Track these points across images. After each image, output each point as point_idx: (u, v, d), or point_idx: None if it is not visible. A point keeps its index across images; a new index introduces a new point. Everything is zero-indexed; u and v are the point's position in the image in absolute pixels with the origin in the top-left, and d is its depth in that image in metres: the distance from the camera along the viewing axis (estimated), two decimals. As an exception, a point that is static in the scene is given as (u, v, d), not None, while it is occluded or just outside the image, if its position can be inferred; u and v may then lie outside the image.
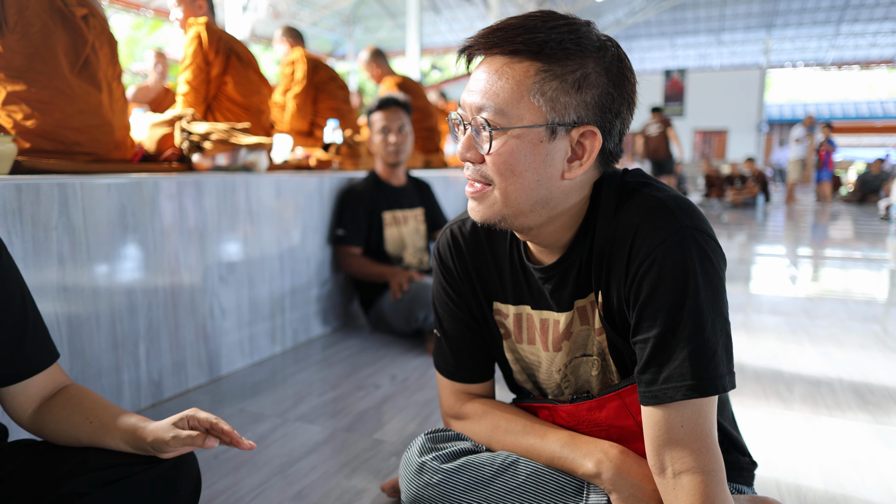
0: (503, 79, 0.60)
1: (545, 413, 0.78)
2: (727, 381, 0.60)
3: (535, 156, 0.61)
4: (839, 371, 1.65)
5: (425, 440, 0.78)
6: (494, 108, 0.60)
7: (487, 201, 0.64)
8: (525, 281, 0.74)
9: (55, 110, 1.34)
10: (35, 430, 0.72)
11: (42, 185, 1.14)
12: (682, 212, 0.61)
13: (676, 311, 0.58)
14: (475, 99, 0.62)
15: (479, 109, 0.61)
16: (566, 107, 0.60)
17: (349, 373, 1.68)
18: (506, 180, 0.62)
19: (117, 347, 1.30)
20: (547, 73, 0.59)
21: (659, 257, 0.59)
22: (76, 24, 1.40)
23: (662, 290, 0.59)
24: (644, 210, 0.62)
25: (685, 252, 0.59)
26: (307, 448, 1.20)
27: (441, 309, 0.81)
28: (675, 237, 0.59)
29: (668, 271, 0.59)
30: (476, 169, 0.64)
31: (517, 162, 0.61)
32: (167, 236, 1.43)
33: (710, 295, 0.59)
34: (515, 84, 0.59)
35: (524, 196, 0.62)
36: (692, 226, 0.60)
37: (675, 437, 0.59)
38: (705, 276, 0.59)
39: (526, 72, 0.59)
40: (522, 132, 0.60)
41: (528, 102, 0.59)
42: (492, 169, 0.62)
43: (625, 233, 0.62)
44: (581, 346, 0.73)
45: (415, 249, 2.15)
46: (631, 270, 0.62)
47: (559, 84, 0.59)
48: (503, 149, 0.61)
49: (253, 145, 1.79)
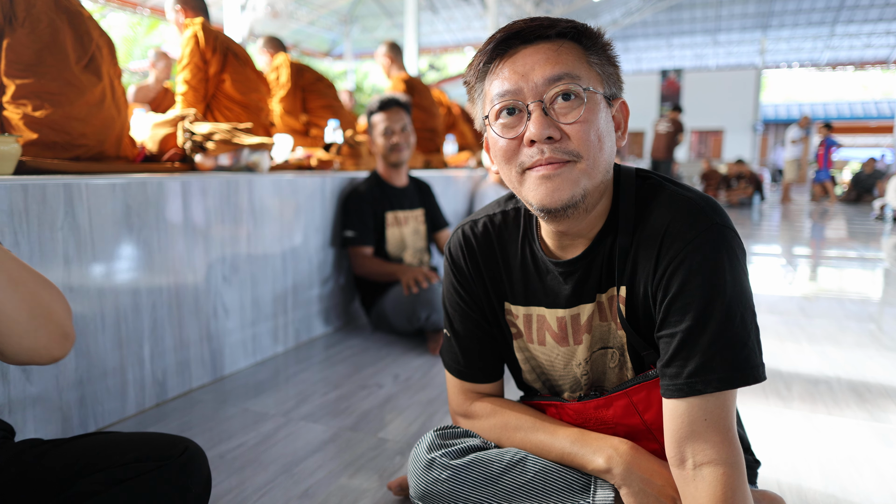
0: (563, 53, 0.62)
1: (552, 411, 0.79)
2: (760, 371, 0.61)
3: (607, 123, 0.64)
4: (837, 370, 1.67)
5: (434, 436, 0.79)
6: (572, 74, 0.61)
7: (572, 176, 0.62)
8: (539, 280, 0.75)
9: (64, 101, 1.36)
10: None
11: (48, 185, 1.14)
12: (711, 210, 0.63)
13: (707, 306, 0.60)
14: (545, 73, 0.61)
15: (553, 81, 0.61)
16: (610, 77, 0.65)
17: (352, 372, 1.69)
18: (594, 148, 0.62)
19: (122, 347, 1.31)
20: (591, 50, 0.63)
21: (690, 254, 0.61)
22: (83, 21, 1.42)
23: (693, 286, 0.60)
24: (674, 208, 0.64)
25: (715, 250, 0.60)
26: (312, 447, 1.21)
27: (452, 309, 0.82)
28: (705, 235, 0.61)
29: (700, 268, 0.60)
30: (556, 147, 0.61)
31: (601, 128, 0.62)
32: (171, 236, 1.44)
33: (738, 290, 0.61)
34: (576, 57, 0.62)
35: (605, 164, 0.64)
36: (721, 223, 0.62)
37: (697, 429, 0.60)
38: (733, 272, 0.61)
39: (576, 49, 0.63)
40: (598, 97, 0.63)
41: (592, 71, 0.63)
42: (580, 139, 0.61)
43: (655, 230, 0.64)
44: (600, 339, 0.74)
45: (415, 250, 2.16)
46: (661, 266, 0.63)
47: (603, 58, 0.64)
48: (590, 115, 0.62)
49: (255, 145, 1.79)
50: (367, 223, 2.03)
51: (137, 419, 1.33)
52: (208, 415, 1.37)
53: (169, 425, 1.31)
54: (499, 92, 0.63)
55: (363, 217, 2.03)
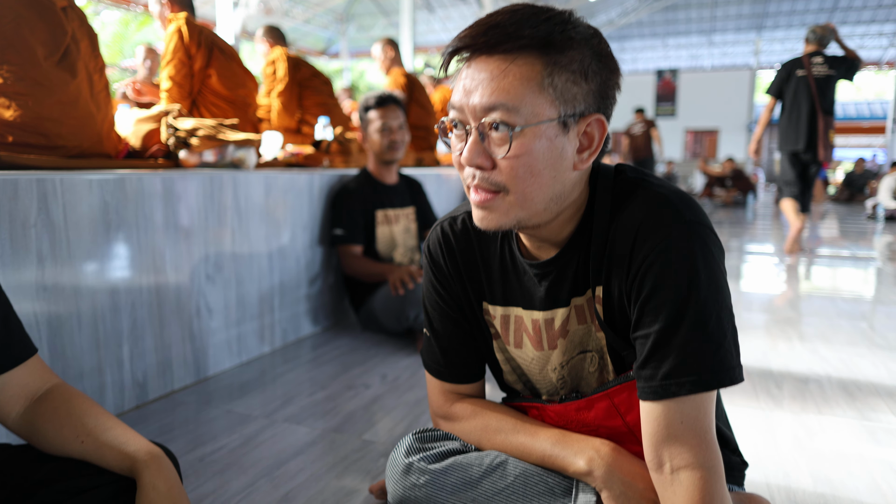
0: (509, 75, 0.56)
1: (534, 412, 0.77)
2: (736, 373, 0.59)
3: (552, 152, 0.58)
4: (828, 368, 1.66)
5: (413, 440, 0.77)
6: (508, 105, 0.56)
7: (501, 208, 0.60)
8: (517, 280, 0.73)
9: (32, 102, 1.31)
10: (23, 435, 0.69)
11: (20, 180, 1.11)
12: (685, 207, 0.60)
13: (680, 306, 0.58)
14: (480, 99, 0.57)
15: (487, 110, 0.57)
16: (575, 97, 0.58)
17: (339, 372, 1.66)
18: (524, 183, 0.58)
19: (100, 348, 1.28)
20: (555, 66, 0.57)
21: (663, 252, 0.59)
22: (55, 14, 1.37)
23: (666, 286, 0.58)
24: (647, 205, 0.61)
25: (689, 247, 0.58)
26: (295, 449, 1.19)
27: (431, 307, 0.80)
28: (678, 232, 0.59)
29: (672, 267, 0.58)
30: (485, 177, 0.59)
31: (536, 161, 0.58)
32: (152, 234, 1.41)
33: (713, 289, 0.59)
34: (524, 79, 0.56)
35: (542, 195, 0.60)
36: (695, 220, 0.60)
37: (674, 432, 0.58)
38: (708, 271, 0.59)
39: (532, 66, 0.56)
40: (540, 129, 0.57)
41: (541, 96, 0.57)
42: (509, 174, 0.58)
43: (627, 228, 0.61)
44: (578, 343, 0.72)
45: (405, 249, 2.13)
46: (633, 265, 0.61)
47: (568, 75, 0.57)
48: (522, 150, 0.57)
49: (241, 142, 1.76)
50: (356, 221, 2.01)
51: (116, 421, 1.30)
52: (190, 417, 1.34)
53: (149, 427, 1.28)
54: (451, 103, 0.61)
55: (352, 215, 2.01)
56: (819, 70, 3.38)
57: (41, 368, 0.72)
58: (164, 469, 0.64)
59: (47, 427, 0.67)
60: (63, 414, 0.68)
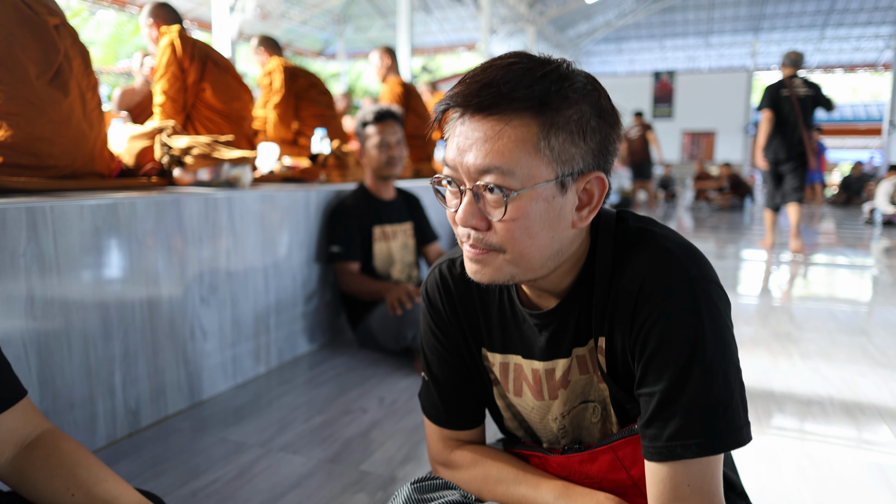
0: (504, 137, 0.54)
1: (536, 461, 0.75)
2: (744, 433, 0.57)
3: (549, 213, 0.56)
4: (829, 389, 1.65)
5: (411, 490, 0.74)
6: (503, 168, 0.54)
7: (494, 265, 0.59)
8: (516, 328, 0.71)
9: (24, 122, 1.29)
10: (11, 483, 0.67)
11: (9, 209, 1.08)
12: (689, 261, 0.58)
13: (685, 365, 0.56)
14: (475, 161, 0.55)
15: (482, 172, 0.55)
16: (573, 157, 0.56)
17: (336, 395, 1.64)
18: (521, 245, 0.57)
19: (91, 376, 1.25)
20: (551, 126, 0.54)
21: (666, 310, 0.57)
22: (47, 32, 1.35)
23: (670, 344, 0.56)
24: (650, 259, 0.59)
25: (694, 305, 0.56)
26: (291, 482, 1.16)
27: (430, 353, 0.77)
28: (683, 289, 0.57)
29: (677, 325, 0.56)
30: (480, 238, 0.58)
31: (532, 224, 0.56)
32: (144, 258, 1.38)
33: (720, 347, 0.57)
34: (519, 141, 0.54)
35: (538, 255, 0.58)
36: (700, 276, 0.58)
37: (681, 495, 0.57)
38: (714, 329, 0.57)
39: (528, 126, 0.54)
40: (536, 192, 0.55)
41: (537, 158, 0.54)
42: (505, 236, 0.56)
43: (631, 283, 0.59)
44: (580, 393, 0.70)
45: (403, 265, 2.11)
46: (637, 322, 0.59)
47: (565, 135, 0.55)
48: (518, 213, 0.55)
49: (236, 160, 1.74)
50: (353, 238, 1.98)
51: (108, 451, 1.27)
52: (184, 446, 1.31)
53: (141, 459, 1.25)
54: (445, 159, 0.59)
55: (349, 232, 1.98)
56: (800, 91, 4.03)
57: (32, 412, 0.70)
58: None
59: (37, 476, 0.65)
60: (54, 463, 0.66)
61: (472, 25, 11.94)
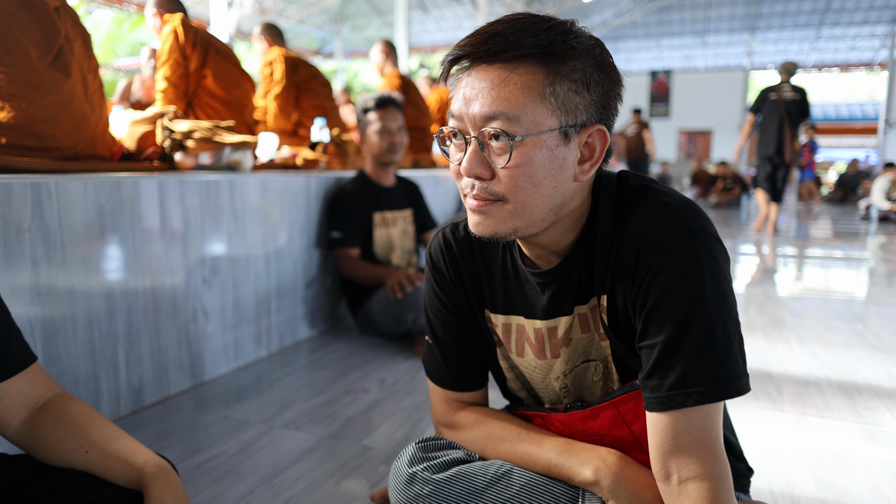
0: (510, 84, 0.55)
1: (538, 421, 0.76)
2: (743, 382, 0.58)
3: (552, 162, 0.57)
4: (826, 371, 1.67)
5: (416, 449, 0.75)
6: (508, 114, 0.55)
7: (498, 216, 0.59)
8: (518, 289, 0.72)
9: (26, 103, 1.29)
10: (24, 445, 0.67)
11: (14, 184, 1.09)
12: (690, 215, 0.60)
13: (686, 316, 0.57)
14: (481, 108, 0.56)
15: (487, 119, 0.56)
16: (577, 107, 0.57)
17: (337, 377, 1.64)
18: (524, 193, 0.57)
19: (95, 353, 1.26)
20: (556, 75, 0.56)
21: (668, 262, 0.58)
22: (48, 14, 1.35)
23: (671, 296, 0.57)
24: (651, 214, 0.60)
25: (694, 257, 0.57)
26: (294, 456, 1.17)
27: (433, 315, 0.78)
28: (683, 242, 0.58)
29: (678, 277, 0.57)
30: (484, 187, 0.59)
31: (536, 171, 0.57)
32: (148, 238, 1.39)
33: (719, 298, 0.58)
34: (525, 88, 0.55)
35: (541, 206, 0.59)
36: (700, 229, 0.59)
37: (681, 443, 0.58)
38: (714, 281, 0.58)
39: (533, 74, 0.55)
40: (541, 139, 0.56)
41: (542, 106, 0.56)
42: (508, 184, 0.57)
43: (632, 238, 0.60)
44: (582, 352, 0.71)
45: (403, 251, 2.12)
46: (639, 275, 0.60)
47: (570, 84, 0.56)
48: (522, 159, 0.56)
49: (237, 144, 1.74)
50: (353, 224, 1.99)
51: (111, 428, 1.28)
52: (187, 423, 1.32)
53: (145, 434, 1.26)
54: (450, 112, 0.60)
55: (350, 218, 1.99)
56: (787, 95, 4.61)
57: (42, 377, 0.71)
58: (171, 482, 0.62)
59: (49, 437, 0.66)
60: (66, 424, 0.66)
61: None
